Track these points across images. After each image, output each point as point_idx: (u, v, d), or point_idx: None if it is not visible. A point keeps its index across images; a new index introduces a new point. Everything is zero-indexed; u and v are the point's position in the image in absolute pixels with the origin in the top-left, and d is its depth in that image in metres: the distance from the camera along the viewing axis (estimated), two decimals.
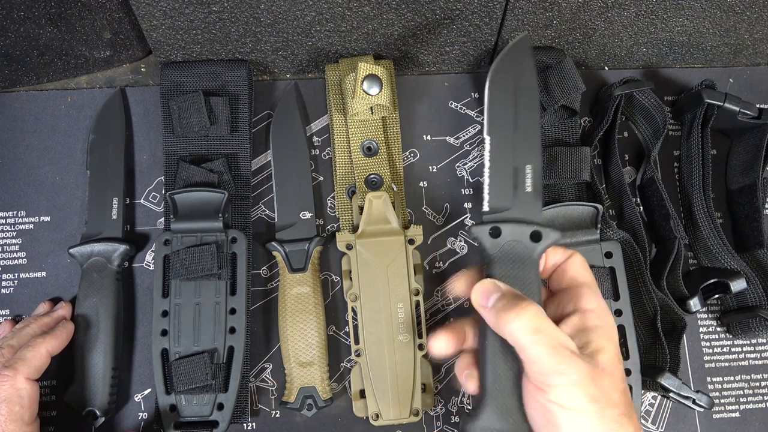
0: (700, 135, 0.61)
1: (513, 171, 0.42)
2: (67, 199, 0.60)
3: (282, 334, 0.56)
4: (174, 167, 0.58)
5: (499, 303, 0.39)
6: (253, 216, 0.60)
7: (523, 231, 0.41)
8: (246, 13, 0.55)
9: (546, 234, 0.40)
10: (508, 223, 0.41)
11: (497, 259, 0.41)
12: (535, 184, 0.42)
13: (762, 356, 0.60)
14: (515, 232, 0.41)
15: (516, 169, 0.42)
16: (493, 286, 0.40)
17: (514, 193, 0.42)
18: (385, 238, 0.57)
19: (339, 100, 0.61)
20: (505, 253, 0.41)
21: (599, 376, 0.37)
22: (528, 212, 0.41)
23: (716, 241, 0.58)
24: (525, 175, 0.42)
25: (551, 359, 0.36)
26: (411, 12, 0.56)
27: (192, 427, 0.52)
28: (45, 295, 0.58)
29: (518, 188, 0.42)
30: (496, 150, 0.43)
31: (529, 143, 0.43)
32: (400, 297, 0.55)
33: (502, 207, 0.42)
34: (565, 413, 0.36)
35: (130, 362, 0.57)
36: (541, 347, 0.37)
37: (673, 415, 0.58)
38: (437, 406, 0.57)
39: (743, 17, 0.60)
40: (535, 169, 0.42)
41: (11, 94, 0.62)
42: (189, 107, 0.58)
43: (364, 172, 0.60)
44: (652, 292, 0.56)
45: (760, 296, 0.58)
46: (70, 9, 0.54)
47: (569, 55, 0.63)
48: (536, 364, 0.37)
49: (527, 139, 0.43)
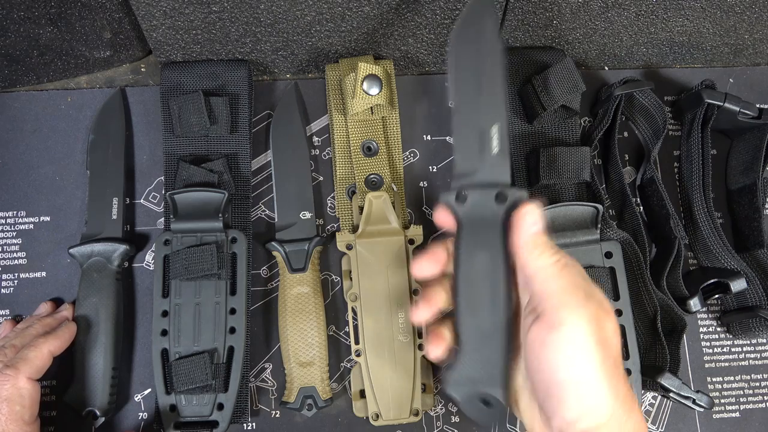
0: (700, 135, 0.61)
1: (479, 134, 0.41)
2: (67, 199, 0.60)
3: (282, 334, 0.56)
4: (174, 167, 0.58)
5: (539, 232, 0.39)
6: (253, 216, 0.60)
7: (488, 193, 0.40)
8: (246, 13, 0.55)
9: (510, 194, 0.40)
10: (473, 188, 0.41)
11: (465, 223, 0.40)
12: (501, 145, 0.41)
13: (762, 356, 0.60)
14: (480, 195, 0.40)
15: (482, 131, 0.42)
16: (541, 214, 0.39)
17: (479, 155, 0.41)
18: (385, 238, 0.57)
19: (339, 100, 0.61)
20: (472, 218, 0.40)
21: (606, 318, 0.37)
22: (494, 174, 0.41)
23: (716, 241, 0.58)
24: (491, 137, 0.41)
25: (571, 296, 0.36)
26: (411, 12, 0.56)
27: (192, 427, 0.52)
28: (45, 295, 0.57)
29: (484, 150, 0.41)
30: (461, 114, 0.42)
31: (494, 105, 0.42)
32: (400, 297, 0.55)
33: (470, 171, 0.41)
34: (571, 354, 0.36)
35: (130, 362, 0.57)
36: (565, 282, 0.37)
37: (673, 415, 0.58)
38: (437, 406, 0.57)
39: (743, 17, 0.60)
40: (501, 129, 0.41)
41: (11, 94, 0.62)
42: (189, 107, 0.58)
43: (364, 172, 0.60)
44: (652, 292, 0.56)
45: (760, 296, 0.58)
46: (70, 9, 0.54)
47: (569, 55, 0.63)
48: (555, 297, 0.37)
49: (492, 101, 0.42)
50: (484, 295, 0.40)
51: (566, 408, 0.36)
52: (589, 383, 0.36)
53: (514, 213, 0.39)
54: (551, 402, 0.37)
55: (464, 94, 0.42)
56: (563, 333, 0.36)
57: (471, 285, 0.40)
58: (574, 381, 0.36)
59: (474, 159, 0.41)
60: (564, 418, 0.36)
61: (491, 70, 0.42)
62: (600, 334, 0.36)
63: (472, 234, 0.40)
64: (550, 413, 0.37)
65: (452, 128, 0.42)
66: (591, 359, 0.35)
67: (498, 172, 0.41)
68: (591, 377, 0.35)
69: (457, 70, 0.43)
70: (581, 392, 0.36)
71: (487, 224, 0.40)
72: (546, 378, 0.37)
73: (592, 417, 0.35)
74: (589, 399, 0.36)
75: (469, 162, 0.41)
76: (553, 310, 0.36)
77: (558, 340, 0.36)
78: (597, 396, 0.36)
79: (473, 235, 0.40)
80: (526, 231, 0.39)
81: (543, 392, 0.37)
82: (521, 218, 0.39)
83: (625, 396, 0.36)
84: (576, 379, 0.36)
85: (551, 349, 0.36)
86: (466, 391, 0.39)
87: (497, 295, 0.39)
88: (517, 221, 0.39)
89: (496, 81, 0.42)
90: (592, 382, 0.36)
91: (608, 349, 0.36)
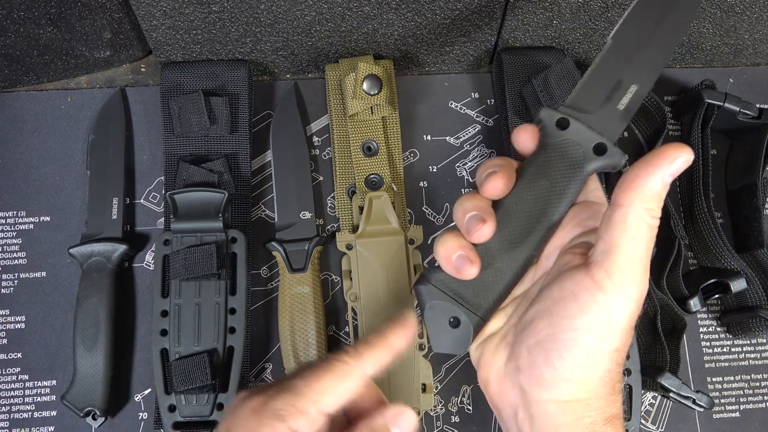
0: (700, 135, 0.61)
1: (615, 83, 0.38)
2: (67, 199, 0.60)
3: (282, 334, 0.56)
4: (174, 167, 0.58)
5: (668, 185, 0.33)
6: (253, 216, 0.60)
7: (591, 137, 0.37)
8: (246, 13, 0.55)
9: (611, 151, 0.36)
10: (580, 123, 0.37)
11: (551, 148, 0.37)
12: (629, 106, 0.38)
13: (762, 356, 0.60)
14: (582, 134, 0.37)
15: (620, 82, 0.38)
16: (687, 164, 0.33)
17: (604, 102, 0.38)
18: (385, 238, 0.57)
19: (339, 100, 0.61)
20: (560, 148, 0.37)
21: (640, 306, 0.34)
22: (606, 127, 0.37)
23: (716, 241, 0.58)
24: (626, 92, 0.38)
25: (640, 269, 0.33)
26: (411, 12, 0.56)
27: (192, 427, 0.52)
28: (45, 295, 0.58)
29: (611, 100, 0.38)
30: (611, 55, 0.39)
31: (648, 66, 0.38)
32: (400, 297, 0.55)
33: (585, 109, 0.38)
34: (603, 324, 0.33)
35: (130, 362, 0.57)
36: (645, 249, 0.33)
37: (673, 415, 0.58)
38: (437, 406, 0.57)
39: (743, 17, 0.60)
40: (639, 92, 0.38)
41: (11, 94, 0.62)
42: (189, 107, 0.58)
43: (364, 172, 0.60)
44: (652, 292, 0.56)
45: (760, 296, 0.58)
46: (70, 9, 0.54)
47: (569, 55, 0.63)
48: (627, 261, 0.33)
49: (649, 62, 0.38)
50: (524, 223, 0.37)
51: (563, 366, 0.33)
52: (598, 359, 0.33)
53: (660, 148, 0.33)
54: (543, 353, 0.34)
55: (628, 39, 0.39)
56: (609, 300, 0.32)
57: (518, 205, 0.37)
58: (587, 347, 0.33)
59: (596, 101, 0.38)
60: (556, 369, 0.33)
61: (667, 37, 0.39)
62: (634, 320, 0.33)
63: (546, 163, 0.37)
64: (533, 363, 0.34)
65: (595, 60, 0.39)
66: (614, 339, 0.33)
67: (612, 126, 0.38)
68: (603, 354, 0.33)
69: (635, 15, 0.39)
70: (587, 361, 0.33)
71: (569, 163, 0.37)
72: (556, 329, 0.33)
73: (578, 388, 0.33)
74: (588, 371, 0.33)
75: (589, 101, 0.38)
76: (617, 272, 0.32)
77: (597, 303, 0.33)
78: (595, 372, 0.33)
79: (546, 165, 0.37)
80: (661, 174, 0.32)
81: (539, 336, 0.34)
82: (665, 157, 0.32)
83: (611, 391, 0.34)
84: (590, 347, 0.33)
85: (582, 306, 0.33)
86: (440, 298, 0.37)
87: (539, 228, 0.37)
88: (659, 158, 0.32)
89: (664, 50, 0.39)
90: (601, 358, 0.33)
91: (628, 339, 0.34)
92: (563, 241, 0.38)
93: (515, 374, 0.36)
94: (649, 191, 0.32)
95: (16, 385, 0.56)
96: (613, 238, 0.33)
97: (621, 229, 0.33)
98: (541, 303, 0.35)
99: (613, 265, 0.33)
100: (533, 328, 0.35)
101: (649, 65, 0.38)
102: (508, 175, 0.37)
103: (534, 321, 0.35)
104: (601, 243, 0.33)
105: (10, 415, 0.55)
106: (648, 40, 0.39)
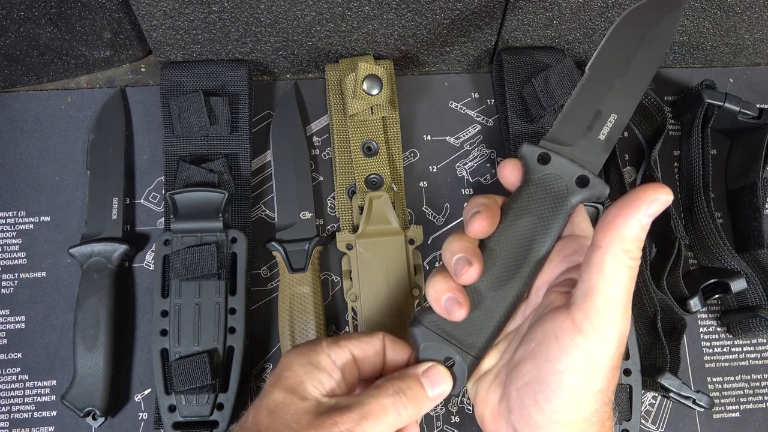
0: (700, 135, 0.61)
1: (595, 113, 0.39)
2: (67, 199, 0.60)
3: (282, 334, 0.56)
4: (174, 167, 0.58)
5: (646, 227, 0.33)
6: (253, 216, 0.60)
7: (573, 170, 0.37)
8: (246, 13, 0.55)
9: (594, 182, 0.37)
10: (561, 156, 0.38)
11: (533, 184, 0.38)
12: (610, 136, 0.38)
13: (762, 356, 0.60)
14: (564, 167, 0.38)
15: (599, 112, 0.39)
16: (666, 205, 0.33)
17: (584, 133, 0.39)
18: (385, 238, 0.57)
19: (339, 100, 0.61)
20: (543, 183, 0.38)
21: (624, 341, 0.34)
22: (588, 158, 0.38)
23: (716, 241, 0.58)
24: (605, 122, 0.39)
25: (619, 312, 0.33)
26: (411, 12, 0.56)
27: (192, 427, 0.52)
28: (45, 295, 0.58)
29: (591, 131, 0.39)
30: (589, 85, 0.39)
31: (627, 95, 0.39)
32: (400, 297, 0.55)
33: (565, 141, 0.39)
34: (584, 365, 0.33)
35: (130, 362, 0.57)
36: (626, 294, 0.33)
37: (673, 415, 0.58)
38: (437, 406, 0.57)
39: (743, 17, 0.60)
40: (619, 121, 0.39)
41: (11, 94, 0.62)
42: (189, 107, 0.58)
43: (364, 172, 0.60)
44: (652, 292, 0.56)
45: (760, 296, 0.58)
46: (70, 9, 0.54)
47: (569, 55, 0.63)
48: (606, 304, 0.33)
49: (627, 91, 0.39)
50: (511, 260, 0.37)
51: (550, 408, 0.34)
52: (583, 400, 0.34)
53: (638, 188, 0.33)
54: (531, 395, 0.34)
55: (605, 69, 0.39)
56: (588, 343, 0.33)
57: (504, 244, 0.38)
58: (571, 389, 0.34)
59: (576, 132, 0.39)
60: (544, 411, 0.34)
61: (644, 65, 0.39)
62: (616, 361, 0.34)
63: (530, 199, 0.38)
64: (523, 405, 0.35)
65: (574, 91, 0.40)
66: (597, 381, 0.33)
67: (593, 157, 0.38)
68: (587, 396, 0.34)
69: (611, 44, 0.40)
70: (572, 403, 0.34)
71: (553, 197, 0.37)
72: (540, 372, 0.34)
73: (567, 429, 0.34)
74: (574, 412, 0.34)
75: (570, 132, 0.39)
76: (595, 314, 0.33)
77: (577, 345, 0.33)
78: (581, 413, 0.34)
79: (530, 201, 0.38)
80: (638, 217, 0.32)
81: (525, 378, 0.35)
82: (643, 198, 0.32)
83: (600, 429, 0.35)
84: (574, 389, 0.34)
85: (563, 348, 0.33)
86: (434, 339, 0.38)
87: (526, 265, 0.37)
88: (637, 199, 0.32)
89: (643, 76, 0.39)
90: (586, 400, 0.34)
91: (613, 379, 0.34)
92: (550, 277, 0.38)
93: (507, 414, 0.36)
94: (628, 233, 0.32)
95: (16, 385, 0.56)
96: (591, 280, 0.33)
97: (599, 271, 0.33)
98: (527, 345, 0.36)
99: (591, 307, 0.33)
100: (520, 370, 0.36)
101: (627, 94, 0.39)
102: (492, 215, 0.38)
103: (521, 363, 0.36)
104: (581, 284, 0.34)
105: (10, 415, 0.55)
106: (625, 69, 0.39)
